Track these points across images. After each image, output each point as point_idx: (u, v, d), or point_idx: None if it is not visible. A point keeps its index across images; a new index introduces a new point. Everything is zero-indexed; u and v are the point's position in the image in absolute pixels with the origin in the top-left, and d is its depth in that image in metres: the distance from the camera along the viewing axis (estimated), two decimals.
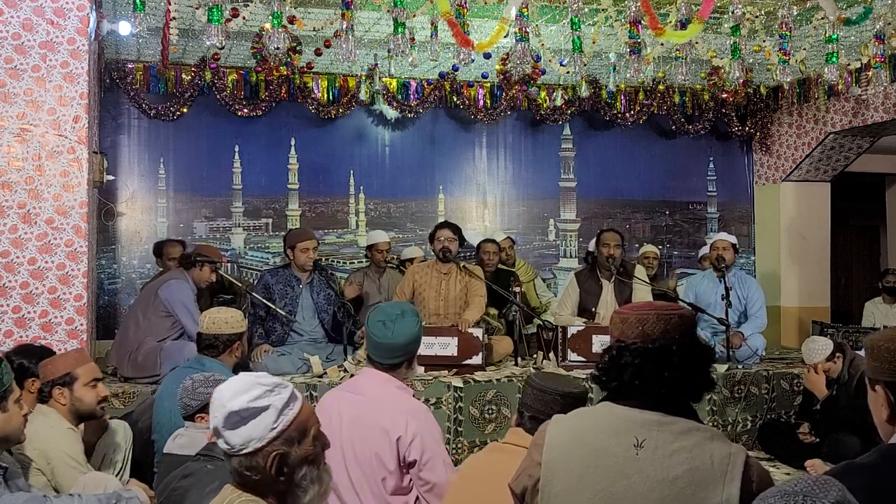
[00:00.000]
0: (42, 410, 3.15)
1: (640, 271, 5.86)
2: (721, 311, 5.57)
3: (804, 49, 5.87)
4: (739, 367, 5.50)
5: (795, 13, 5.26)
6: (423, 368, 4.99)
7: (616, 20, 5.44)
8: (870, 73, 5.77)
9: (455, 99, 7.50)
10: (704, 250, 7.28)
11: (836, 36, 5.10)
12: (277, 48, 4.30)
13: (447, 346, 5.12)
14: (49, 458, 2.94)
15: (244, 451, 1.69)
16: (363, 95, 6.96)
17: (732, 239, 5.96)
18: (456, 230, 5.62)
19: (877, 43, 5.23)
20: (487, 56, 6.20)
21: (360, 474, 2.62)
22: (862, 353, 5.42)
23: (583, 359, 5.23)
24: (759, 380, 5.36)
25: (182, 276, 5.13)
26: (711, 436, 1.72)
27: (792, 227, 8.13)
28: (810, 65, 6.79)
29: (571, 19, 4.81)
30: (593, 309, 5.70)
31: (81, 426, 3.28)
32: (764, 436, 5.19)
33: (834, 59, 5.10)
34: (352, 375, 4.44)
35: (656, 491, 1.67)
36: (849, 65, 6.42)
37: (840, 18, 5.07)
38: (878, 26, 5.21)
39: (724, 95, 7.70)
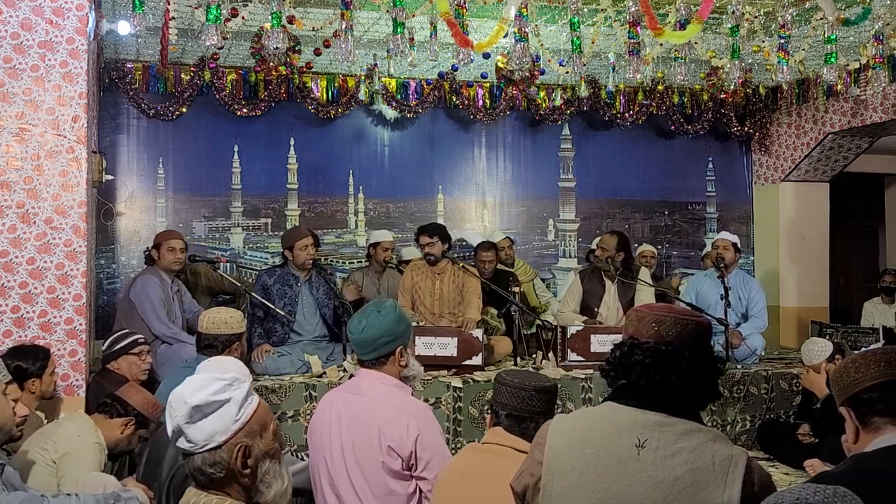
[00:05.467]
0: (74, 418, 3.22)
1: (644, 273, 5.88)
2: (721, 312, 5.57)
3: (803, 49, 5.86)
4: (738, 367, 5.49)
5: (794, 13, 5.25)
6: (422, 368, 4.98)
7: (615, 20, 5.44)
8: (869, 74, 5.78)
9: (454, 99, 7.49)
10: (707, 249, 7.29)
11: (834, 36, 5.10)
12: (277, 48, 4.30)
13: (447, 347, 5.12)
14: (64, 466, 2.96)
15: (208, 447, 1.69)
16: (362, 95, 6.95)
17: (733, 238, 5.94)
18: (434, 231, 5.57)
19: (876, 43, 5.23)
20: (487, 56, 6.20)
21: (360, 475, 2.62)
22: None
23: (582, 359, 5.22)
24: (758, 380, 5.36)
25: (148, 273, 5.18)
26: (713, 437, 1.72)
27: (791, 227, 8.13)
28: (809, 65, 6.79)
29: (571, 19, 4.81)
30: (595, 309, 5.72)
31: None
32: (763, 436, 5.18)
33: (833, 60, 5.10)
34: (351, 375, 4.42)
35: (658, 491, 1.67)
36: (848, 65, 6.43)
37: (839, 19, 5.07)
38: (876, 27, 5.21)
39: (724, 96, 7.70)
